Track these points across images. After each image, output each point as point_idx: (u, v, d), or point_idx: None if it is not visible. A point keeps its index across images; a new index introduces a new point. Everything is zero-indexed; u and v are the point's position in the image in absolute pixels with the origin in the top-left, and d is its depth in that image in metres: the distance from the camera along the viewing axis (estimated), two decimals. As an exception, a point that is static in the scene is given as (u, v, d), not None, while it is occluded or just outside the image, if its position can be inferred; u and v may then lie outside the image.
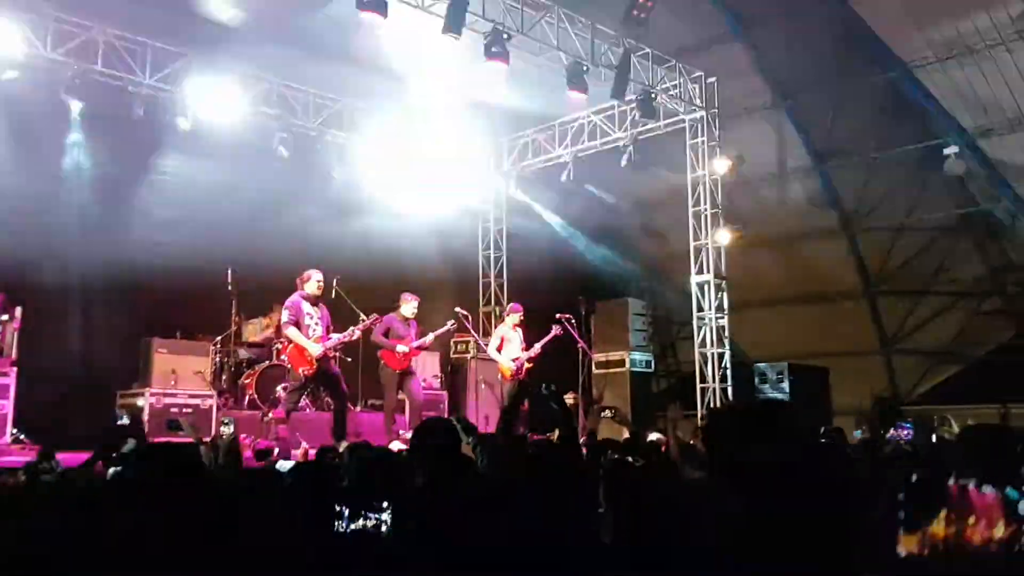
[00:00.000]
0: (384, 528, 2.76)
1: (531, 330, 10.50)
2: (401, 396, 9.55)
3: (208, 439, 6.31)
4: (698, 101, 11.88)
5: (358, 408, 10.90)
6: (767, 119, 13.33)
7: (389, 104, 12.22)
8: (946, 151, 11.78)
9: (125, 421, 4.36)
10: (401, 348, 9.28)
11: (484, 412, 11.62)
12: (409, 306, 9.57)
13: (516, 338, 10.26)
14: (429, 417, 7.53)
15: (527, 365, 10.14)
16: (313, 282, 8.43)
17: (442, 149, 13.01)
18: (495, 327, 10.32)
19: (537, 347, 10.17)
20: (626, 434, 8.88)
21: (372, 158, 12.58)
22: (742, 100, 12.83)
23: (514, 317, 10.33)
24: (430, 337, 9.64)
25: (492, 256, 14.55)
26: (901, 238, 13.72)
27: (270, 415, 9.33)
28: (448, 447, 3.32)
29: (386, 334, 9.31)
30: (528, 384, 10.21)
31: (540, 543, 2.69)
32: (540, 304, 11.32)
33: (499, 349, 10.19)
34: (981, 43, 11.20)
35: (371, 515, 2.75)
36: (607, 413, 10.69)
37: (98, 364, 10.16)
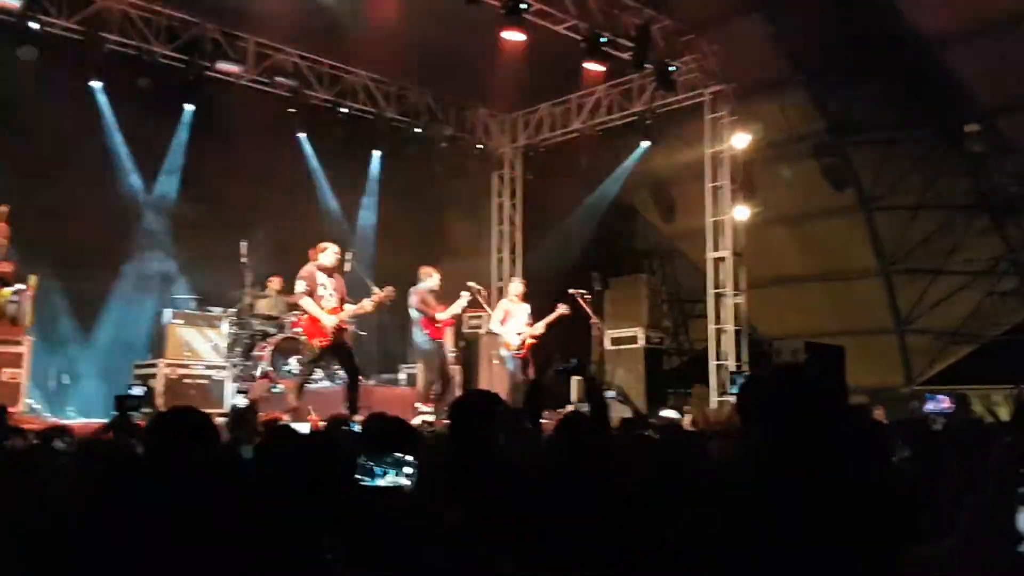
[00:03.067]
0: (408, 484, 2.72)
1: (543, 306, 10.42)
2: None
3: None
4: (717, 75, 11.74)
5: (372, 382, 10.90)
6: (785, 94, 13.15)
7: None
8: (966, 128, 11.62)
9: (139, 392, 4.35)
10: (440, 315, 9.28)
11: (496, 388, 11.59)
12: (432, 279, 9.55)
13: (520, 312, 10.13)
14: (471, 391, 7.49)
15: (530, 341, 10.04)
16: (329, 253, 8.39)
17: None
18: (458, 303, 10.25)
19: (541, 325, 10.05)
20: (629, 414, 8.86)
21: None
22: (761, 75, 12.66)
23: (516, 288, 10.26)
24: (456, 308, 9.66)
25: (506, 231, 14.48)
26: (918, 217, 13.56)
27: (280, 386, 9.35)
28: (485, 423, 3.27)
29: (425, 304, 9.33)
30: (533, 360, 10.15)
31: (568, 515, 2.66)
32: (554, 280, 11.27)
33: (502, 323, 10.10)
34: (1004, 18, 10.99)
35: (394, 471, 2.71)
36: (610, 394, 10.65)
37: (114, 335, 10.21)
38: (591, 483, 2.83)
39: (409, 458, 2.62)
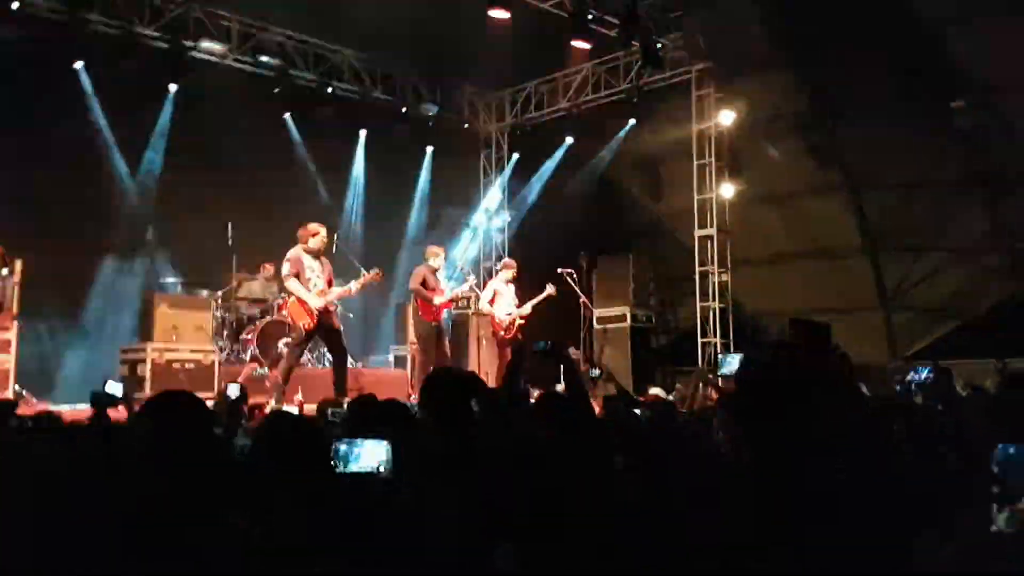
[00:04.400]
0: (383, 470, 2.72)
1: (531, 285, 10.46)
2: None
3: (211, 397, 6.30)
4: (704, 52, 11.71)
5: (360, 364, 10.91)
6: (771, 71, 13.12)
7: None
8: (953, 104, 11.63)
9: (116, 391, 4.24)
10: (437, 299, 9.27)
11: (484, 369, 11.62)
12: (438, 259, 9.54)
13: (508, 293, 10.19)
14: (438, 368, 7.48)
15: (519, 322, 10.11)
16: (317, 236, 8.36)
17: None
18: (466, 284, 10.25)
19: (528, 306, 10.13)
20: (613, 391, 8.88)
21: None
22: (747, 51, 12.62)
23: (507, 273, 10.28)
24: (458, 290, 9.65)
25: (493, 211, 14.46)
26: (906, 194, 13.59)
27: (265, 370, 9.35)
28: (459, 400, 3.28)
29: (423, 285, 9.30)
30: (519, 341, 10.17)
31: (554, 497, 2.68)
32: (542, 259, 11.28)
33: (491, 303, 10.15)
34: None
35: (369, 455, 2.70)
36: (595, 373, 10.69)
37: (100, 319, 10.17)
38: (566, 464, 2.84)
39: (384, 443, 2.61)
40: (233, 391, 4.86)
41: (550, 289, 10.21)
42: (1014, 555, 2.06)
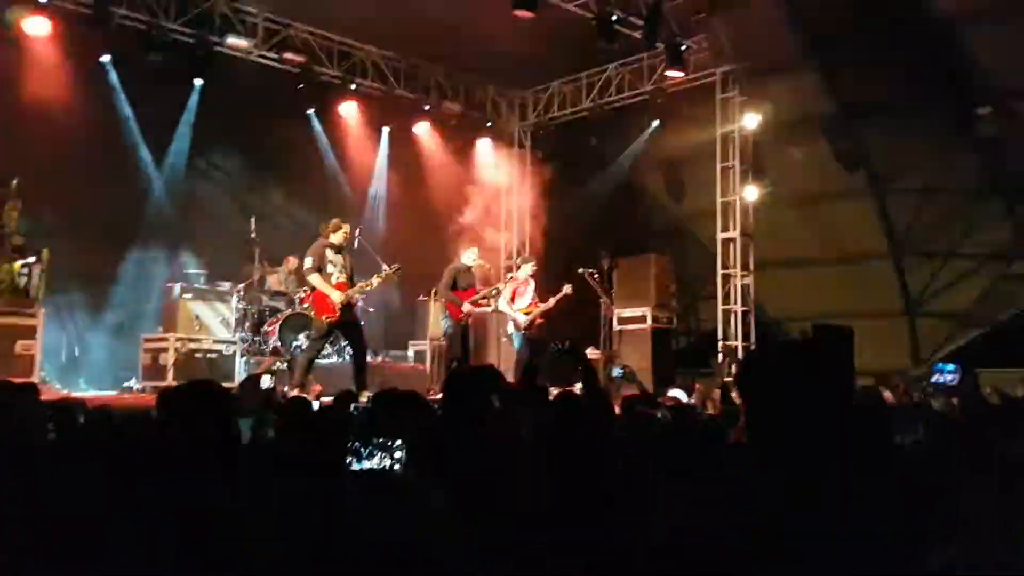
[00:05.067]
0: (397, 467, 2.72)
1: (552, 284, 10.42)
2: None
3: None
4: (729, 54, 11.66)
5: (380, 358, 10.95)
6: (797, 74, 13.05)
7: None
8: (979, 111, 11.52)
9: (268, 384, 4.31)
10: (466, 307, 9.30)
11: (504, 367, 11.62)
12: (468, 255, 9.53)
13: (528, 291, 10.17)
14: (460, 366, 7.51)
15: (538, 321, 10.06)
16: (335, 229, 8.39)
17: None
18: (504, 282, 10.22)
19: (551, 302, 10.07)
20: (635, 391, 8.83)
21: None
22: (772, 54, 12.55)
23: (527, 268, 10.24)
24: (486, 292, 9.65)
25: (515, 209, 14.47)
26: (930, 199, 13.48)
27: (285, 362, 9.40)
28: (479, 395, 3.29)
29: (453, 284, 9.29)
30: (538, 339, 10.14)
31: (566, 494, 2.67)
32: (563, 259, 11.27)
33: (511, 302, 10.12)
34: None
35: (384, 454, 2.71)
36: (617, 372, 10.63)
37: (124, 308, 10.27)
38: (583, 465, 2.82)
39: (398, 441, 2.61)
40: (266, 382, 4.89)
41: (567, 289, 10.15)
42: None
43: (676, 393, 9.98)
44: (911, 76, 12.27)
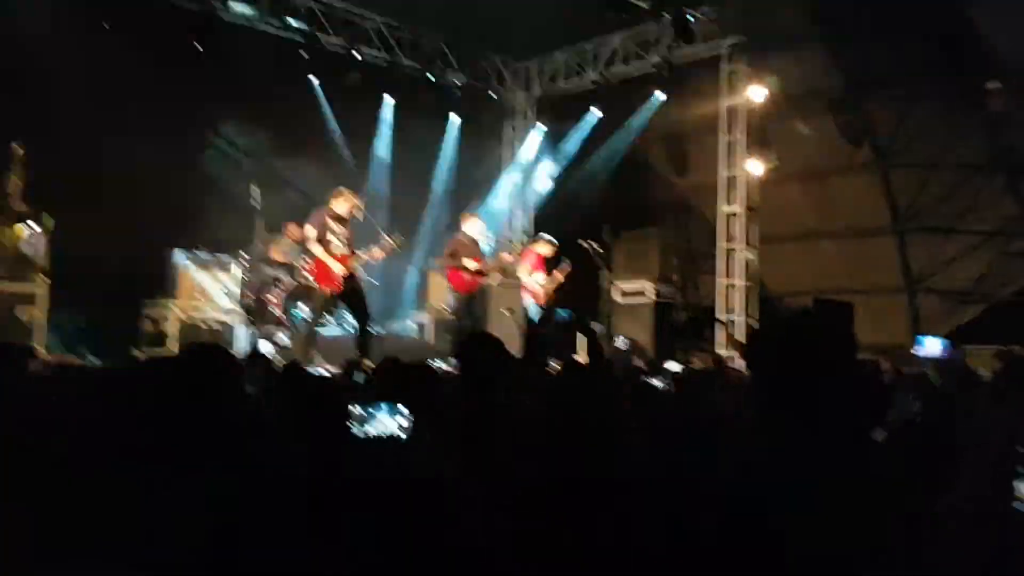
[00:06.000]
0: (403, 436, 2.73)
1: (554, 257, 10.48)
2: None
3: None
4: (736, 26, 11.57)
5: (380, 330, 10.96)
6: (803, 48, 12.95)
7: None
8: (988, 85, 11.43)
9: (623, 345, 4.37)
10: (471, 264, 9.20)
11: (505, 341, 11.64)
12: (469, 227, 9.47)
13: (542, 266, 10.29)
14: (473, 332, 7.50)
15: (552, 296, 10.22)
16: (343, 200, 8.37)
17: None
18: (512, 254, 10.21)
19: (558, 276, 10.21)
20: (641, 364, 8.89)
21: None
22: (779, 27, 12.45)
23: (546, 247, 10.31)
24: (497, 261, 9.61)
25: (519, 180, 14.42)
26: (934, 175, 13.43)
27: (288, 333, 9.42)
28: (492, 363, 3.31)
29: (454, 256, 9.25)
30: (546, 309, 10.21)
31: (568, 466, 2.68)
32: (565, 231, 11.25)
33: (530, 274, 10.22)
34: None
35: (388, 420, 2.71)
36: (621, 343, 10.71)
37: (124, 275, 10.25)
38: (585, 431, 2.84)
39: (402, 407, 2.62)
40: (267, 348, 4.92)
41: (565, 264, 10.28)
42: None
43: (672, 366, 10.07)
44: (918, 50, 12.18)
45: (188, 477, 2.18)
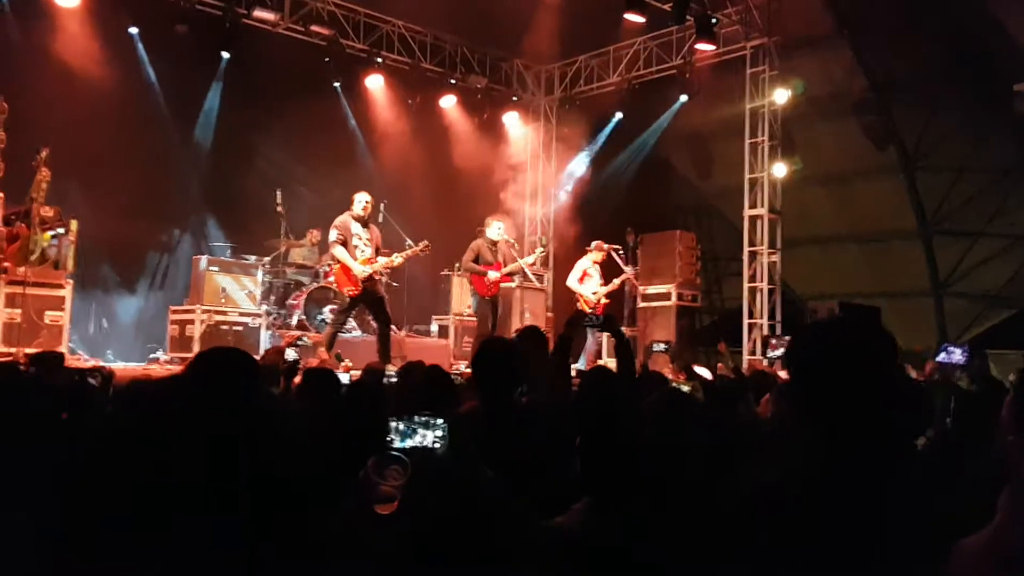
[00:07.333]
0: (439, 445, 2.72)
1: (577, 260, 10.43)
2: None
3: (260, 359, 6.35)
4: (760, 28, 11.50)
5: (403, 333, 10.96)
6: (828, 50, 12.85)
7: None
8: (1016, 87, 11.28)
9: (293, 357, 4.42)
10: (492, 274, 9.18)
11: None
12: (493, 228, 9.42)
13: (596, 273, 10.27)
14: (487, 339, 7.47)
15: (604, 301, 10.17)
16: (360, 202, 8.36)
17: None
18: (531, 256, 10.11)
19: (616, 282, 10.27)
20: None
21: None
22: (804, 29, 12.37)
23: (596, 255, 10.30)
24: (520, 263, 9.53)
25: (540, 183, 14.40)
26: (961, 178, 13.27)
27: (307, 337, 9.42)
28: (506, 369, 3.28)
29: (476, 260, 9.22)
30: (573, 313, 10.14)
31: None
32: (588, 234, 11.22)
33: (580, 282, 10.20)
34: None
35: (424, 432, 2.71)
36: (659, 347, 10.64)
37: (150, 281, 10.34)
38: (615, 438, 2.80)
39: (440, 420, 2.61)
40: (291, 355, 4.92)
41: (628, 271, 10.31)
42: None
43: (700, 371, 9.98)
44: (944, 52, 12.05)
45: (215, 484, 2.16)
